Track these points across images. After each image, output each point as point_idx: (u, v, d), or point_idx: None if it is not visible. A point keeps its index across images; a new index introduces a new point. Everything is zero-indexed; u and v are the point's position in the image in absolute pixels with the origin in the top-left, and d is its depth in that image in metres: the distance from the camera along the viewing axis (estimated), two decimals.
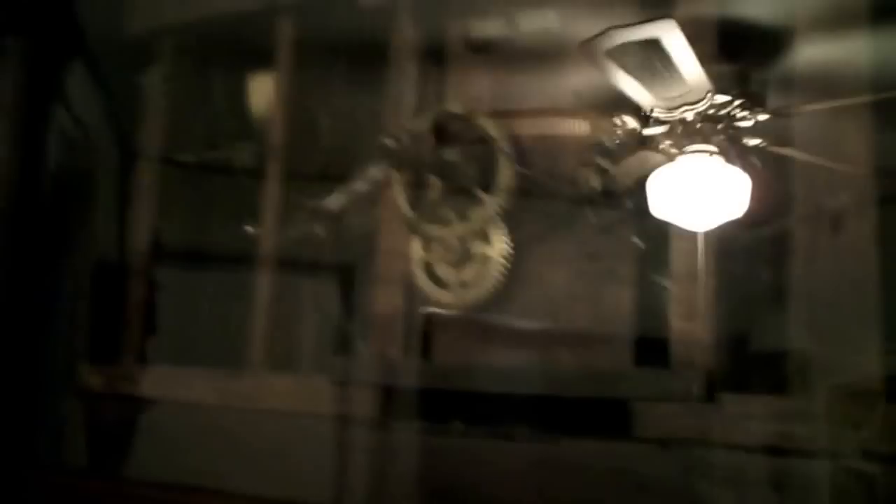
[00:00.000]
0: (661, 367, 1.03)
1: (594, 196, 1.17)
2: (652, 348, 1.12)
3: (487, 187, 0.90)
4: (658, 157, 1.18)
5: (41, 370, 1.32)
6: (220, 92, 1.04)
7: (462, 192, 0.88)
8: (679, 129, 1.13)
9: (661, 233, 1.14)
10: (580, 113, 1.12)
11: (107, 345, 1.13)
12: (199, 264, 1.28)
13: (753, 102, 1.20)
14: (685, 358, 1.07)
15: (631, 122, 1.12)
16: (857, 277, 1.16)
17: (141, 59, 1.08)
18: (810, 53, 1.23)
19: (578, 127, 1.11)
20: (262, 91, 1.09)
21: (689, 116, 1.13)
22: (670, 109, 1.09)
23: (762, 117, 1.19)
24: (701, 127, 1.16)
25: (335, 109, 0.99)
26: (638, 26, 0.97)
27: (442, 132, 0.91)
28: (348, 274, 1.04)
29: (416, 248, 0.85)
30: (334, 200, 0.97)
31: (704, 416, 0.92)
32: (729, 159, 1.22)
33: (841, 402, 1.09)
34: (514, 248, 0.91)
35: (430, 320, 0.91)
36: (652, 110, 1.10)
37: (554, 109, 1.12)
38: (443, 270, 0.87)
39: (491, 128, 0.87)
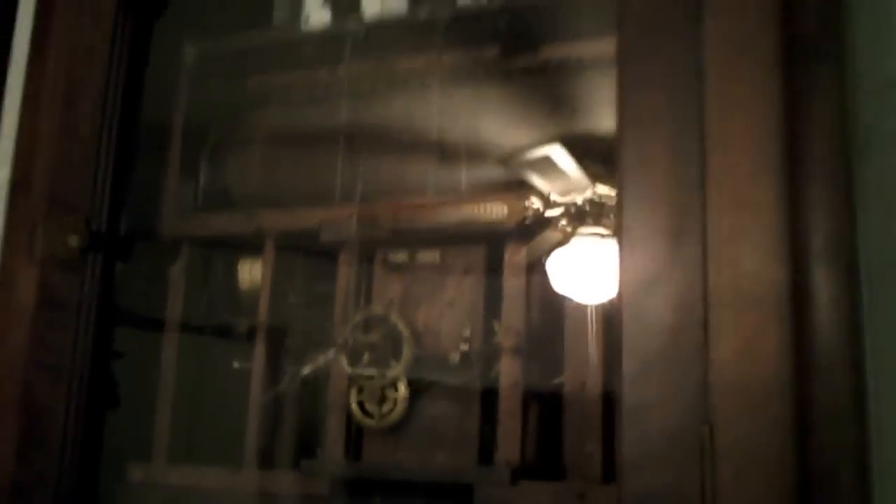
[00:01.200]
0: None
1: None
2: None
3: (397, 358, 1.21)
4: (559, 236, 1.35)
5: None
6: (217, 275, 1.34)
7: (380, 362, 1.20)
8: (573, 211, 1.33)
9: None
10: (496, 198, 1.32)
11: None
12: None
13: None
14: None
15: (537, 203, 1.31)
16: None
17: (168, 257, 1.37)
18: None
19: (496, 211, 1.32)
20: (250, 275, 1.42)
21: (579, 201, 1.35)
22: (563, 195, 1.31)
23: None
24: (590, 210, 1.36)
25: (306, 297, 1.30)
26: (537, 148, 1.28)
27: (368, 324, 1.24)
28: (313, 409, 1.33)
29: (353, 394, 1.20)
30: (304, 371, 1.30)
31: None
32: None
33: None
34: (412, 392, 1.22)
35: (361, 436, 1.25)
36: (550, 195, 1.31)
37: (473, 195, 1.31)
38: (369, 406, 1.22)
39: (399, 323, 1.18)
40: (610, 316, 1.09)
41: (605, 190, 1.31)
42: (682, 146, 0.81)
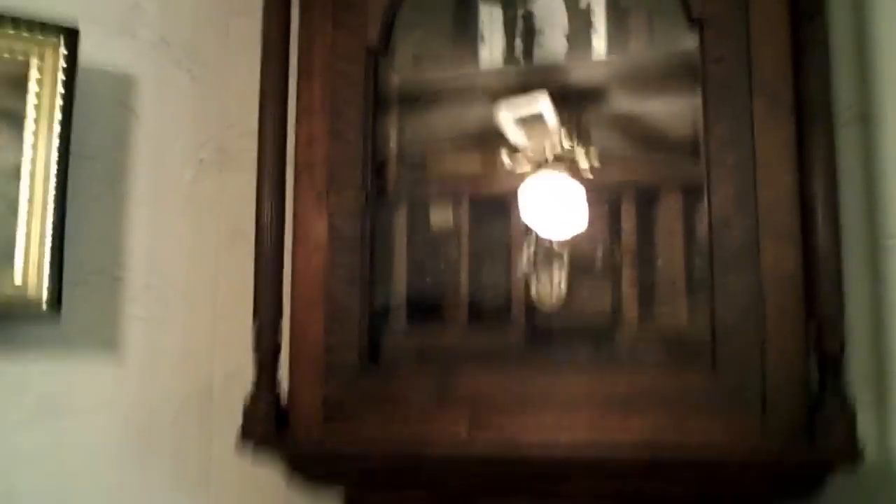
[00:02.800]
0: None
1: None
2: None
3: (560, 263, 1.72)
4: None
5: None
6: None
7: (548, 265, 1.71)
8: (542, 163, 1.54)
9: None
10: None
11: None
12: None
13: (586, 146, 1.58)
14: None
15: (507, 158, 1.55)
16: None
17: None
18: None
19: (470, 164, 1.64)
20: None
21: (549, 157, 1.54)
22: (536, 150, 1.53)
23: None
24: (554, 163, 1.56)
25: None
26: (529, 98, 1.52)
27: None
28: None
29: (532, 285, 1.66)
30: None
31: None
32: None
33: None
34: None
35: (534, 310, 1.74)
36: (523, 149, 1.53)
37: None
38: (542, 293, 1.72)
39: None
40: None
41: (570, 144, 1.53)
42: None
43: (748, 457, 1.37)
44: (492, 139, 1.61)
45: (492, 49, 1.75)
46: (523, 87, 1.63)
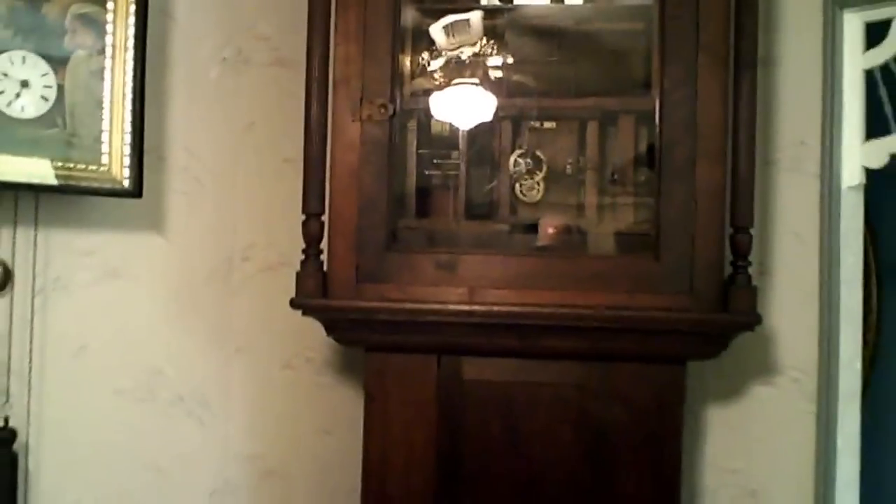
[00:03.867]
0: None
1: None
2: None
3: (540, 168, 2.17)
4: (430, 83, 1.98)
5: None
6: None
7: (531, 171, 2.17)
8: (453, 63, 1.93)
9: None
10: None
11: None
12: None
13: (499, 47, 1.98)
14: None
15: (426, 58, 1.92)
16: None
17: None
18: None
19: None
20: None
21: (463, 56, 1.91)
22: (453, 49, 1.88)
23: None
24: (469, 63, 1.91)
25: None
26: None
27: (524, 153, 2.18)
28: None
29: (517, 186, 2.14)
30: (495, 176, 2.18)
31: None
32: (483, 86, 1.96)
33: None
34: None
35: (517, 206, 2.21)
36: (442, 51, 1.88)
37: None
38: (525, 191, 2.20)
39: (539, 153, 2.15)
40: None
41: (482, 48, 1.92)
42: None
43: (684, 323, 1.87)
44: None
45: None
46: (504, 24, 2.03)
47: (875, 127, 2.15)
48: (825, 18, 2.16)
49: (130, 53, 1.93)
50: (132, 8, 1.94)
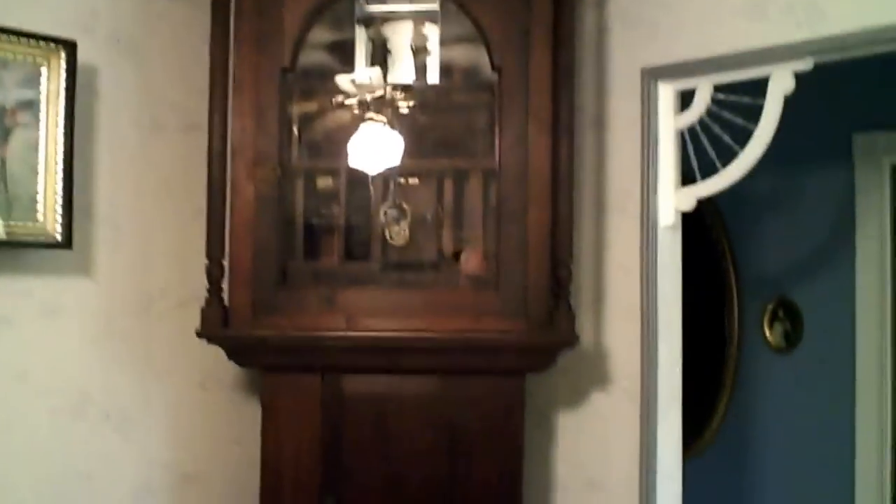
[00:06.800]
0: None
1: None
2: None
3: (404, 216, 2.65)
4: (349, 116, 2.26)
5: None
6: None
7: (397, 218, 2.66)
8: (366, 103, 2.22)
9: None
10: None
11: None
12: None
13: (406, 93, 2.32)
14: None
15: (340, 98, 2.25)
16: None
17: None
18: None
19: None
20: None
21: (369, 98, 2.21)
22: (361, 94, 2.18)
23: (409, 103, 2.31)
24: (376, 104, 2.23)
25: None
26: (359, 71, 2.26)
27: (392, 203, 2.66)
28: None
29: (386, 232, 2.63)
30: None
31: None
32: (392, 126, 2.25)
33: None
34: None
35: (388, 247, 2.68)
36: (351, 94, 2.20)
37: None
38: (393, 235, 2.68)
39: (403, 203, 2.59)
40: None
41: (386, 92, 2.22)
42: None
43: (518, 342, 2.31)
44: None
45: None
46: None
47: (689, 176, 2.62)
48: (643, 87, 2.62)
49: (61, 129, 2.32)
50: (63, 93, 2.33)
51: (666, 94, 2.61)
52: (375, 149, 2.25)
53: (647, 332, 2.57)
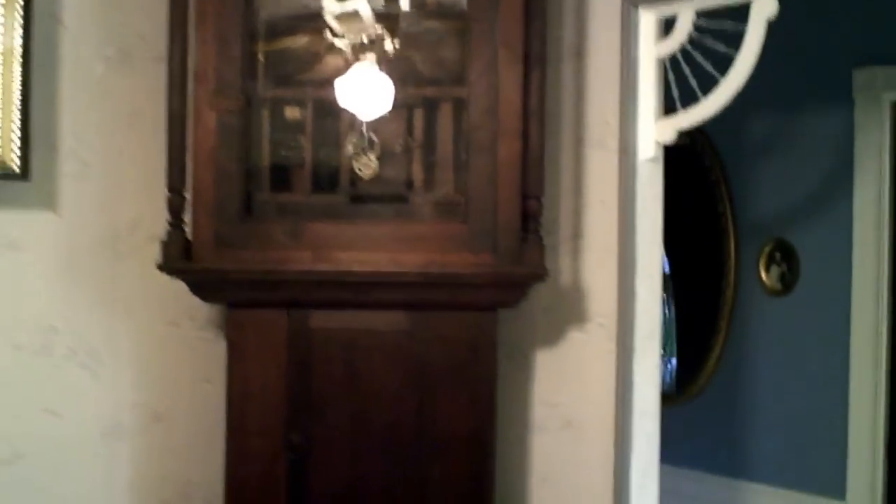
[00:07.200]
0: None
1: None
2: None
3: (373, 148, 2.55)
4: (342, 62, 2.15)
5: None
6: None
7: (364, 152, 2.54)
8: (357, 45, 2.10)
9: None
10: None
11: None
12: None
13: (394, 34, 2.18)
14: None
15: (330, 38, 2.13)
16: None
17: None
18: None
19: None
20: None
21: (364, 40, 2.09)
22: (354, 35, 2.06)
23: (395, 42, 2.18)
24: (368, 45, 2.10)
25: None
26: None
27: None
28: None
29: (355, 164, 2.53)
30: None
31: None
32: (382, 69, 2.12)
33: None
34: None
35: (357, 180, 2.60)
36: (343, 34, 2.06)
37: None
38: (361, 168, 2.59)
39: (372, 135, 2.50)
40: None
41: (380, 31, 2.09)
42: None
43: (485, 276, 2.24)
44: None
45: None
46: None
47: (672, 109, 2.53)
48: (623, 15, 2.52)
49: (17, 57, 2.25)
50: (18, 19, 2.26)
51: (647, 20, 2.53)
52: (367, 93, 2.15)
53: (624, 269, 2.50)
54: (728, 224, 4.21)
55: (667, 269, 4.81)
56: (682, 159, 4.38)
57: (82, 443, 2.55)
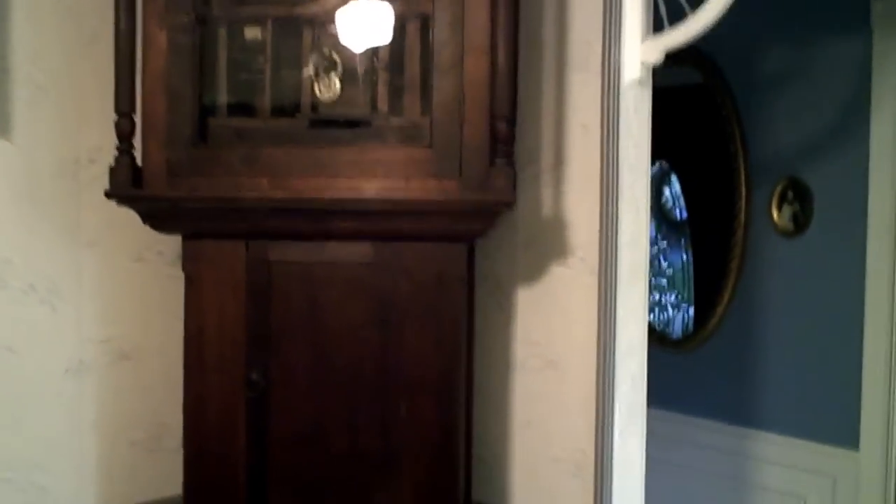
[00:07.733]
0: None
1: None
2: None
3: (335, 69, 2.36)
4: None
5: None
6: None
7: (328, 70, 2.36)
8: None
9: None
10: None
11: None
12: None
13: None
14: None
15: None
16: None
17: None
18: None
19: None
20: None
21: None
22: None
23: None
24: None
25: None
26: None
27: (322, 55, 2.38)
28: None
29: (316, 85, 2.35)
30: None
31: None
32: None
33: None
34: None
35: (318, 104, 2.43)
36: None
37: None
38: (322, 90, 2.42)
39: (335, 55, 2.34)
40: None
41: None
42: None
43: (448, 203, 2.10)
44: None
45: None
46: None
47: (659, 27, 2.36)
48: None
49: None
50: None
51: None
52: (366, 21, 2.05)
53: (606, 199, 2.34)
54: (739, 162, 4.03)
55: (685, 216, 4.66)
56: (693, 97, 4.22)
57: (44, 381, 2.46)
